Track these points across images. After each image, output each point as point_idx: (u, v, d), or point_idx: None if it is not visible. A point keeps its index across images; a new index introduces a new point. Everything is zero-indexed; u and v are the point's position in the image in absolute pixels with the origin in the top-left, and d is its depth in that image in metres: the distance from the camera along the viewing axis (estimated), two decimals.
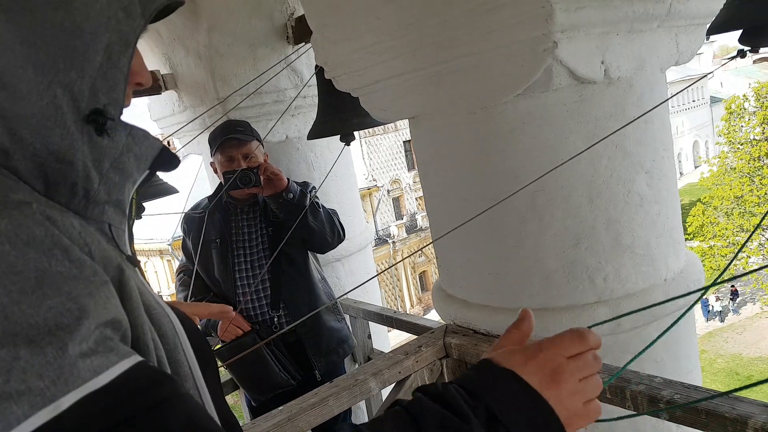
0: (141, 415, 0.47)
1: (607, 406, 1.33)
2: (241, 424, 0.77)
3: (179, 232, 2.56)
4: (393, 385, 1.61)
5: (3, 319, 0.43)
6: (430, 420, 0.57)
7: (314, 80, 2.40)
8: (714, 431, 1.14)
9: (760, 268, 1.02)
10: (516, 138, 1.51)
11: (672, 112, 34.74)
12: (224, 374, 2.71)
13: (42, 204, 0.52)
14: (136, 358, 0.50)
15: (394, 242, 25.62)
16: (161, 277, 22.78)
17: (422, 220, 26.46)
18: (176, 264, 2.55)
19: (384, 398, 1.65)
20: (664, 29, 1.54)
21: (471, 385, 0.63)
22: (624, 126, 1.41)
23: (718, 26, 1.31)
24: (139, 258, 0.72)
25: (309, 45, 2.50)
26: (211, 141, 2.34)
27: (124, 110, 0.70)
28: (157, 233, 20.22)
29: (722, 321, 19.70)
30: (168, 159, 0.72)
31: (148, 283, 0.70)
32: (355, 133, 2.27)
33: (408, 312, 24.98)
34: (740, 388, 0.79)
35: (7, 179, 0.54)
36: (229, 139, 2.27)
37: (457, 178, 1.67)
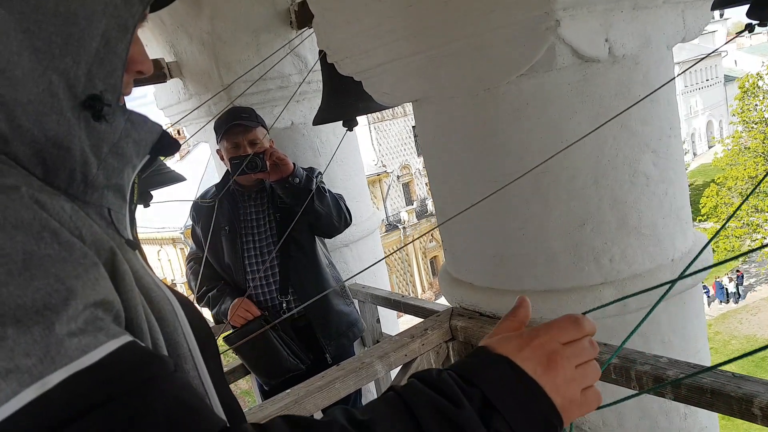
0: (128, 393, 0.47)
1: (613, 386, 1.33)
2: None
3: (191, 221, 2.58)
4: (400, 367, 1.62)
5: None
6: (424, 406, 0.57)
7: (318, 65, 2.39)
8: (719, 410, 1.14)
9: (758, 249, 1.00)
10: (520, 119, 1.50)
11: (685, 92, 34.34)
12: (236, 359, 2.74)
13: (33, 188, 0.53)
14: (126, 338, 0.51)
15: (404, 228, 25.63)
16: (174, 265, 22.99)
17: (432, 206, 26.38)
18: (188, 252, 2.58)
19: (392, 380, 1.66)
20: (670, 5, 1.51)
21: (466, 371, 0.62)
22: (630, 107, 1.39)
23: (723, 0, 1.28)
24: (153, 246, 0.73)
25: (312, 30, 2.49)
26: (217, 128, 2.34)
27: (126, 99, 0.70)
28: (170, 222, 20.38)
29: (736, 302, 19.56)
30: (168, 144, 0.72)
31: (149, 266, 0.71)
32: (364, 119, 2.27)
33: (419, 296, 25.05)
34: (732, 360, 0.78)
35: (2, 164, 0.54)
36: (235, 126, 2.27)
37: (461, 160, 1.66)
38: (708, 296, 19.21)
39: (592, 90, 1.46)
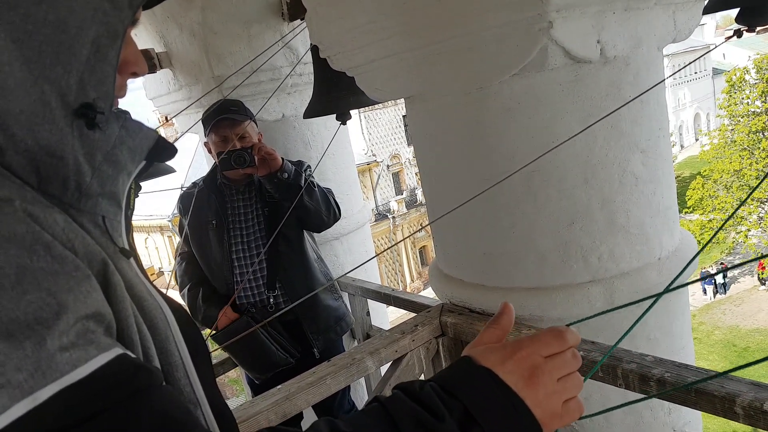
0: (116, 406, 0.48)
1: (601, 384, 1.35)
2: (243, 400, 0.78)
3: (178, 213, 2.57)
4: (390, 363, 1.63)
5: None
6: (406, 418, 0.58)
7: (310, 57, 2.38)
8: (703, 409, 1.17)
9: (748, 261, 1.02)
10: (511, 118, 1.51)
11: (674, 84, 34.47)
12: (221, 353, 2.75)
13: (26, 200, 0.53)
14: (117, 351, 0.51)
15: (394, 218, 25.66)
16: (162, 253, 22.88)
17: (422, 195, 26.41)
18: (177, 240, 2.58)
19: (383, 375, 1.67)
20: (662, 6, 1.52)
21: (448, 383, 0.63)
22: (620, 107, 1.41)
23: (715, 5, 1.29)
24: (141, 234, 0.73)
25: (304, 22, 2.47)
26: (205, 121, 2.33)
27: (120, 100, 0.70)
28: (158, 210, 20.25)
29: (723, 294, 19.81)
30: (164, 149, 0.72)
31: (144, 273, 0.71)
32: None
33: (408, 286, 25.15)
34: (730, 370, 0.80)
35: None
36: (223, 119, 2.26)
37: (453, 158, 1.67)
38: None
39: (583, 90, 1.47)
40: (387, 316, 3.25)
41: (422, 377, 1.71)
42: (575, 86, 1.46)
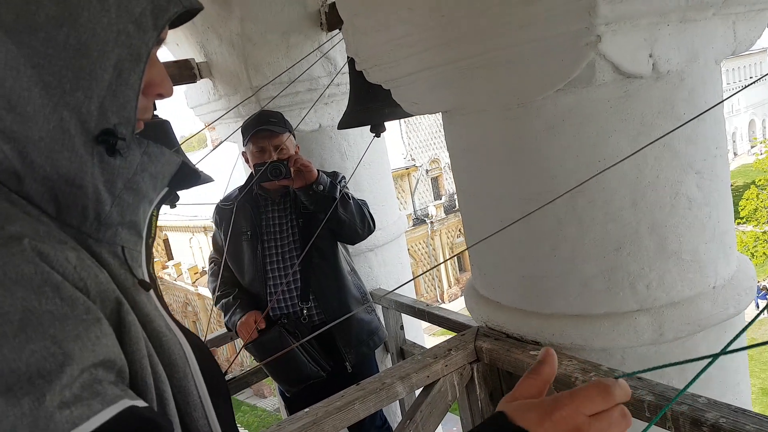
0: None
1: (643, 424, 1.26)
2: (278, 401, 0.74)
3: (214, 225, 2.57)
4: (421, 389, 1.57)
5: None
6: None
7: (347, 68, 2.35)
8: None
9: None
10: (555, 136, 1.43)
11: (726, 89, 33.42)
12: (254, 363, 2.73)
13: (39, 236, 0.51)
14: (124, 404, 0.48)
15: (432, 222, 25.54)
16: (205, 253, 23.36)
17: None
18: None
19: (415, 399, 1.61)
20: (720, 17, 1.42)
21: None
22: (677, 128, 1.31)
23: None
24: (185, 234, 0.70)
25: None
26: (244, 131, 2.32)
27: (143, 124, 0.67)
28: (201, 211, 20.68)
29: None
30: (188, 176, 0.70)
31: (163, 305, 0.68)
32: None
33: (445, 292, 24.98)
34: None
35: (12, 207, 0.53)
36: (262, 131, 2.24)
37: (492, 175, 1.60)
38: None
39: (633, 107, 1.38)
40: (421, 330, 3.18)
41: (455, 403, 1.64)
42: (625, 103, 1.37)
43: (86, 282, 0.53)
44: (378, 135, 2.24)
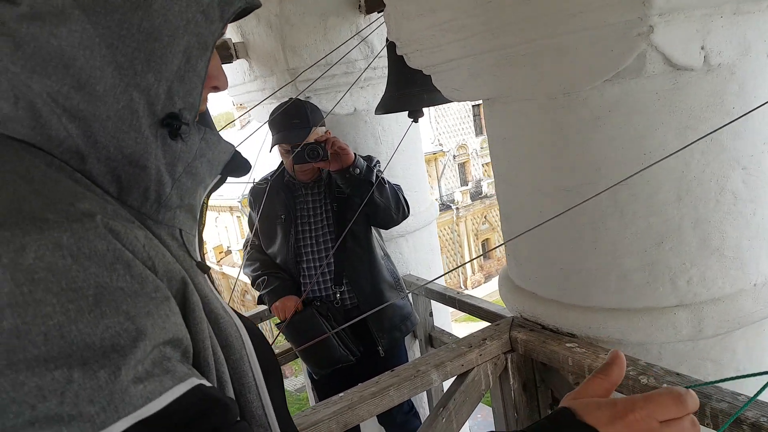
0: None
1: None
2: (302, 380, 0.76)
3: (248, 189, 2.58)
4: (455, 377, 1.58)
5: (59, 339, 0.43)
6: None
7: (385, 52, 2.34)
8: None
9: None
10: (600, 127, 1.41)
11: None
12: (283, 343, 2.77)
13: (108, 214, 0.51)
14: (192, 382, 0.49)
15: (457, 208, 25.45)
16: (231, 233, 23.63)
17: (488, 187, 26.08)
18: (245, 220, 2.62)
19: (446, 388, 1.62)
20: None
21: None
22: (727, 124, 1.28)
23: None
24: (211, 213, 0.72)
25: (381, 15, 2.43)
26: (270, 126, 2.32)
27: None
28: (227, 191, 20.89)
29: None
30: (239, 164, 0.71)
31: (216, 289, 0.70)
32: None
33: (468, 278, 24.94)
34: None
35: (77, 185, 0.54)
36: (285, 135, 2.24)
37: (532, 165, 1.58)
38: None
39: (682, 100, 1.35)
40: (449, 317, 3.19)
41: (488, 394, 1.65)
42: (673, 95, 1.35)
43: (154, 261, 0.53)
44: (416, 120, 2.23)
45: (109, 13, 0.54)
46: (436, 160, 25.79)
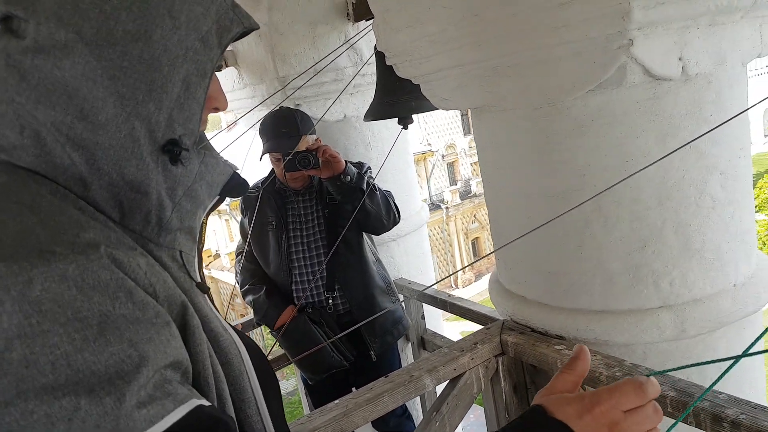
0: None
1: (668, 420, 1.30)
2: (294, 384, 0.78)
3: (240, 214, 2.61)
4: (447, 381, 1.62)
5: (66, 367, 0.45)
6: None
7: (373, 58, 2.37)
8: None
9: None
10: (583, 135, 1.46)
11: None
12: (277, 350, 2.79)
13: (111, 243, 0.54)
14: (193, 403, 0.52)
15: (447, 208, 25.50)
16: (219, 236, 23.52)
17: (477, 186, 26.18)
18: (234, 224, 2.62)
19: (439, 394, 1.66)
20: (748, 20, 1.43)
21: None
22: (706, 132, 1.33)
23: None
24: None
25: (369, 23, 2.46)
26: (260, 134, 2.34)
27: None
28: None
29: None
30: (237, 185, 0.73)
31: (215, 308, 0.72)
32: None
33: (459, 277, 24.98)
34: None
35: (81, 214, 0.56)
36: (275, 144, 2.27)
37: (519, 173, 1.63)
38: None
39: (662, 109, 1.40)
40: (440, 319, 3.23)
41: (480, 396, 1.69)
42: (653, 104, 1.40)
43: (155, 287, 0.56)
44: (405, 127, 2.26)
45: (111, 46, 0.56)
46: (425, 160, 25.84)
